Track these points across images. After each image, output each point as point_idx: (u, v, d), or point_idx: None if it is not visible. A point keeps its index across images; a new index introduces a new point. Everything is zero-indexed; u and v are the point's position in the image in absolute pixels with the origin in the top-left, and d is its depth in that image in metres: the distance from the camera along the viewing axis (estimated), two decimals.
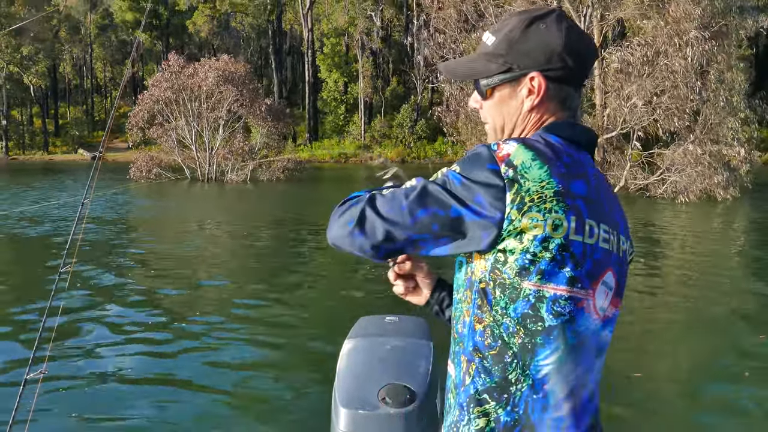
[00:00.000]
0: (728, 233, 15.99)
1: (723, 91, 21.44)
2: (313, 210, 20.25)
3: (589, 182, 1.39)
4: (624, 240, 1.47)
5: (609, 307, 1.42)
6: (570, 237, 1.32)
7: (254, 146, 31.96)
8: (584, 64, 1.47)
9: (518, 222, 1.31)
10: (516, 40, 1.44)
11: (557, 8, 1.49)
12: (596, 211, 1.38)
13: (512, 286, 1.34)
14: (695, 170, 20.95)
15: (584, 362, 1.39)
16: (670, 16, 19.78)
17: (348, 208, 1.46)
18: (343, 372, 2.75)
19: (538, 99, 1.45)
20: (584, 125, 1.50)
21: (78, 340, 6.50)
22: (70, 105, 72.54)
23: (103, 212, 17.33)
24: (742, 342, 6.89)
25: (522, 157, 1.33)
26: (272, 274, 10.24)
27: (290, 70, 72.47)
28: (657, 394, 5.34)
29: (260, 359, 6.18)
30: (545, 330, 1.34)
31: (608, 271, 1.40)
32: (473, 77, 1.52)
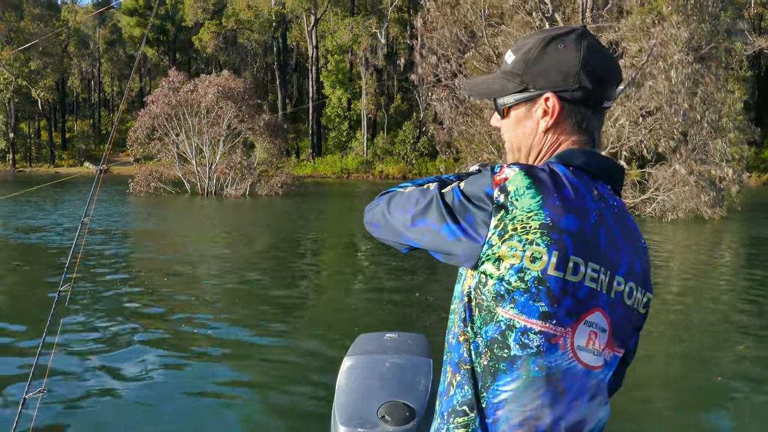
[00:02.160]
0: (712, 252, 16.19)
1: (709, 113, 21.72)
2: (309, 225, 20.51)
3: (587, 218, 1.34)
4: (623, 281, 1.40)
5: (605, 349, 1.38)
6: (548, 272, 1.30)
7: (253, 161, 32.38)
8: (603, 86, 1.41)
9: (497, 248, 1.30)
10: (533, 59, 1.41)
11: (580, 27, 1.45)
12: (587, 249, 1.33)
13: (488, 309, 1.33)
14: (682, 190, 21.20)
15: (545, 397, 1.34)
16: (657, 39, 20.11)
17: (376, 202, 1.53)
18: (343, 390, 2.73)
19: (553, 120, 1.42)
20: (601, 154, 1.45)
21: (77, 358, 6.40)
22: (78, 118, 73.35)
23: (103, 225, 17.59)
24: (722, 353, 7.17)
25: (517, 184, 1.32)
26: (270, 291, 10.15)
27: (296, 86, 73.08)
28: (642, 404, 5.46)
29: (259, 377, 6.11)
30: (509, 358, 1.33)
31: (596, 311, 1.35)
32: (491, 96, 1.51)
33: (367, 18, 57.97)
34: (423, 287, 10.71)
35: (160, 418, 5.10)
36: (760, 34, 50.23)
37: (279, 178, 32.15)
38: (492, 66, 23.95)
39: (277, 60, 65.02)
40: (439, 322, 7.66)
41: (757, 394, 5.99)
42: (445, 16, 23.24)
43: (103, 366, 6.22)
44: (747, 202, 28.99)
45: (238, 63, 69.30)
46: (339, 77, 58.58)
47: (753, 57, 53.47)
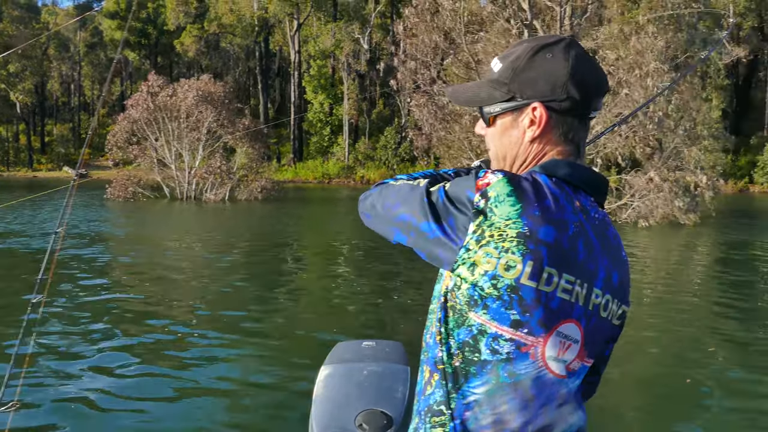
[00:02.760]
0: (685, 256, 16.39)
1: (684, 120, 22.02)
2: (288, 231, 20.44)
3: (566, 229, 1.34)
4: (600, 293, 1.40)
5: (575, 361, 1.39)
6: (521, 281, 1.30)
7: (233, 166, 32.33)
8: (590, 96, 1.41)
9: (473, 253, 1.31)
10: (521, 68, 1.41)
11: (569, 37, 1.44)
12: (562, 260, 1.33)
13: (460, 313, 1.34)
14: (657, 196, 21.45)
15: (513, 402, 1.35)
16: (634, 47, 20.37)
17: (369, 192, 1.54)
18: (320, 398, 2.74)
19: (540, 130, 1.41)
20: (585, 166, 1.45)
21: (52, 366, 6.33)
22: (57, 122, 72.81)
23: (78, 231, 17.47)
24: (694, 356, 7.29)
25: (498, 190, 1.32)
26: (247, 298, 10.06)
27: (278, 90, 73.04)
28: (614, 407, 5.58)
29: (235, 385, 6.07)
30: (480, 362, 1.34)
31: (569, 322, 1.36)
32: (477, 104, 1.50)
33: (349, 23, 58.09)
34: (401, 294, 10.72)
35: (134, 425, 5.08)
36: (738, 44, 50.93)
37: (258, 183, 32.11)
38: (471, 72, 24.12)
39: (260, 64, 64.97)
40: (416, 329, 7.59)
41: (726, 396, 6.12)
42: (425, 22, 23.38)
43: (77, 374, 6.16)
44: (722, 209, 29.30)
45: (220, 67, 69.19)
46: (321, 82, 58.62)
47: (731, 66, 54.20)
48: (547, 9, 24.31)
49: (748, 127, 57.00)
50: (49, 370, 6.25)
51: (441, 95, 23.41)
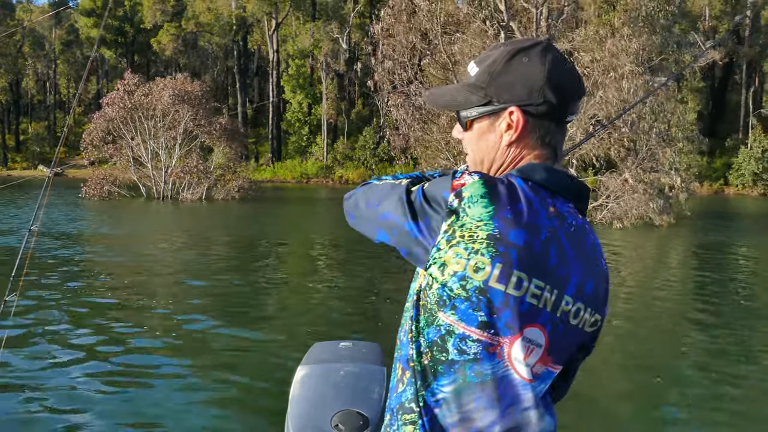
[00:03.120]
0: (658, 257, 16.55)
1: (659, 122, 22.23)
2: (264, 231, 20.36)
3: (537, 234, 1.34)
4: (571, 301, 1.39)
5: (537, 363, 1.38)
6: (490, 283, 1.30)
7: (209, 165, 32.16)
8: (567, 100, 1.40)
9: (444, 253, 1.31)
10: (497, 72, 1.40)
11: (545, 40, 1.44)
12: (532, 265, 1.33)
13: (430, 312, 1.35)
14: (632, 197, 21.64)
15: (480, 401, 1.36)
16: (609, 49, 20.53)
17: (353, 193, 1.54)
18: (297, 399, 2.73)
19: (516, 134, 1.40)
20: (565, 172, 1.46)
21: (25, 367, 6.28)
22: (32, 120, 71.99)
23: (52, 230, 17.30)
24: (664, 353, 7.38)
25: (472, 191, 1.32)
26: (223, 298, 9.97)
27: (257, 90, 72.78)
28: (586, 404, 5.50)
29: (211, 386, 6.01)
30: (447, 362, 1.35)
31: (534, 327, 1.36)
32: (454, 108, 1.49)
33: (328, 23, 58.03)
34: (378, 295, 10.73)
35: (107, 426, 5.01)
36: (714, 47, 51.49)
37: (236, 183, 31.97)
38: (448, 73, 24.17)
39: (238, 64, 64.70)
40: (393, 329, 7.57)
41: (696, 391, 6.24)
42: (401, 23, 23.39)
43: (49, 376, 6.08)
44: (697, 210, 29.67)
45: (198, 66, 68.76)
46: (300, 82, 58.49)
47: (707, 69, 54.84)
48: (523, 10, 24.42)
49: (723, 129, 57.71)
50: (20, 369, 6.19)
51: (418, 95, 23.43)
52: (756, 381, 6.68)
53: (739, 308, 10.42)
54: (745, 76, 59.67)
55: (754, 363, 7.33)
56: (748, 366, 7.16)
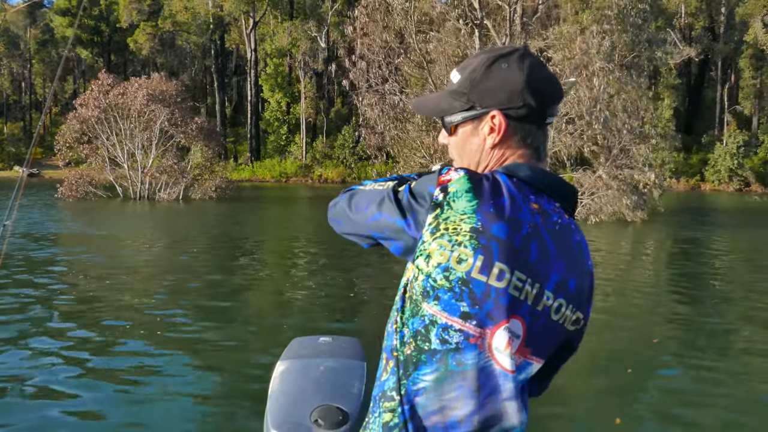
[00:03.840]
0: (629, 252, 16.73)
1: (631, 119, 22.43)
2: (242, 229, 20.30)
3: (519, 229, 1.38)
4: (551, 296, 1.43)
5: (516, 355, 1.41)
6: (472, 274, 1.35)
7: (186, 165, 32.03)
8: (546, 103, 1.47)
9: (428, 245, 1.37)
10: (478, 79, 1.47)
11: (522, 47, 1.51)
12: (513, 258, 1.37)
13: (415, 303, 1.40)
14: (606, 194, 21.84)
15: (461, 390, 1.40)
16: (580, 47, 20.70)
17: (338, 199, 1.59)
18: (276, 394, 2.72)
19: (499, 137, 1.47)
20: (551, 172, 1.51)
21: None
22: (8, 121, 71.22)
23: (28, 230, 17.18)
24: (636, 346, 7.45)
25: (458, 187, 1.38)
26: (201, 295, 9.97)
27: (236, 89, 72.50)
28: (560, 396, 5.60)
29: (190, 382, 6.00)
30: (430, 351, 1.39)
31: (514, 318, 1.39)
32: (439, 115, 1.56)
33: (306, 22, 57.92)
34: (358, 291, 10.76)
35: (83, 424, 5.00)
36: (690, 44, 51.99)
37: (213, 182, 31.88)
38: (423, 72, 24.27)
39: (215, 63, 64.41)
40: (373, 324, 7.69)
41: (666, 384, 6.36)
42: (375, 22, 23.42)
43: (24, 375, 6.04)
44: (672, 206, 30.01)
45: (176, 65, 68.36)
46: (278, 81, 58.34)
47: (683, 65, 55.33)
48: (497, 8, 24.55)
49: (700, 126, 58.29)
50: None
51: (393, 94, 23.50)
52: (729, 368, 6.82)
53: (707, 299, 10.60)
54: (721, 73, 60.24)
55: (726, 352, 7.49)
56: (720, 356, 7.31)
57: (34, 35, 68.49)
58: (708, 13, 60.11)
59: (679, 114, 55.16)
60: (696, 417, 5.60)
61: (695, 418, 5.58)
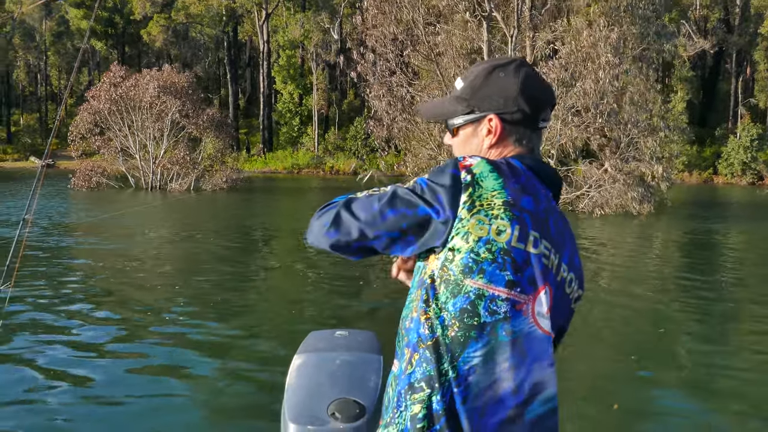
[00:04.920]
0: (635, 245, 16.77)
1: (639, 112, 22.39)
2: (253, 220, 20.46)
3: (539, 203, 1.53)
4: (566, 269, 1.57)
5: (548, 321, 1.52)
6: (512, 243, 1.46)
7: (197, 156, 32.30)
8: (539, 109, 1.61)
9: (467, 222, 1.46)
10: (478, 86, 1.62)
11: (519, 58, 1.69)
12: (541, 228, 1.51)
13: (455, 283, 1.46)
14: (612, 186, 21.85)
15: (512, 359, 1.47)
16: (587, 40, 20.69)
17: (326, 210, 1.60)
18: (293, 388, 2.72)
19: (496, 138, 1.61)
20: (547, 163, 1.67)
21: (20, 355, 6.32)
22: (24, 112, 71.87)
23: (43, 220, 17.39)
24: (638, 339, 7.55)
25: (481, 168, 1.50)
26: (217, 289, 9.91)
27: (249, 81, 72.71)
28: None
29: (208, 376, 6.05)
30: (479, 325, 1.46)
31: (547, 285, 1.52)
32: (443, 118, 1.71)
33: (318, 13, 57.96)
34: (373, 285, 10.75)
35: (102, 419, 4.99)
36: (705, 36, 51.61)
37: (223, 173, 32.13)
38: (431, 65, 24.34)
39: (228, 55, 64.61)
40: (389, 318, 7.60)
41: (670, 373, 6.42)
42: (384, 14, 23.50)
43: (45, 367, 6.09)
44: (682, 199, 29.90)
45: (189, 57, 68.66)
46: (290, 72, 58.49)
47: (697, 58, 54.93)
48: (506, 1, 24.54)
49: (714, 118, 57.80)
50: (17, 357, 6.24)
51: (400, 86, 23.59)
52: (736, 360, 6.87)
53: (712, 289, 10.70)
54: (735, 65, 59.73)
55: (732, 342, 7.61)
56: (727, 345, 7.44)
57: (50, 27, 68.95)
58: (723, 5, 59.51)
59: (693, 106, 54.78)
60: (698, 406, 5.66)
61: (697, 406, 5.64)
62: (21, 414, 4.99)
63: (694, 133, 48.95)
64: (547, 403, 1.52)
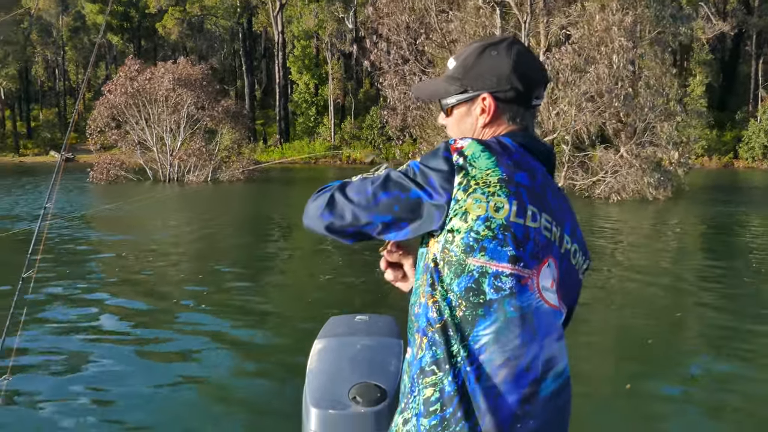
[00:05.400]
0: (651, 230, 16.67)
1: (654, 97, 22.17)
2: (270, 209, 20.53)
3: (535, 178, 1.53)
4: (569, 240, 1.59)
5: (554, 295, 1.54)
6: (511, 219, 1.46)
7: (213, 148, 32.47)
8: (532, 87, 1.61)
9: (463, 202, 1.46)
10: (471, 65, 1.62)
11: (510, 36, 1.68)
12: (539, 201, 1.51)
13: (458, 263, 1.47)
14: (628, 172, 21.69)
15: (523, 336, 1.47)
16: (600, 24, 20.51)
17: (321, 194, 1.62)
18: (314, 372, 2.76)
19: (489, 117, 1.61)
20: (539, 139, 1.66)
21: (42, 346, 6.33)
22: (43, 107, 72.50)
23: (62, 213, 17.57)
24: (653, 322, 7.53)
25: (473, 149, 1.50)
26: (238, 275, 10.05)
27: (264, 72, 72.79)
28: None
29: (229, 361, 6.11)
30: (486, 303, 1.46)
31: (551, 258, 1.53)
32: (436, 98, 1.71)
33: (332, 3, 57.87)
34: None
35: (127, 405, 5.01)
36: (724, 18, 50.88)
37: (240, 164, 32.29)
38: (445, 52, 24.25)
39: (243, 46, 64.72)
40: (408, 303, 7.59)
41: (684, 357, 6.43)
42: (396, 2, 23.43)
43: (69, 354, 6.15)
44: (700, 183, 29.63)
45: (205, 49, 68.85)
46: (305, 63, 58.49)
47: (716, 40, 54.17)
48: None
49: (734, 102, 57.00)
50: (40, 347, 6.31)
51: (414, 75, 23.54)
52: (751, 345, 6.78)
53: (729, 275, 10.67)
54: (755, 48, 58.84)
55: (749, 328, 7.45)
56: (741, 331, 7.29)
57: (66, 23, 69.36)
58: None
59: (712, 90, 54.10)
60: (712, 389, 5.63)
61: (711, 389, 5.62)
62: (43, 402, 5.03)
63: (713, 117, 48.47)
64: (558, 378, 1.53)
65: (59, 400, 5.09)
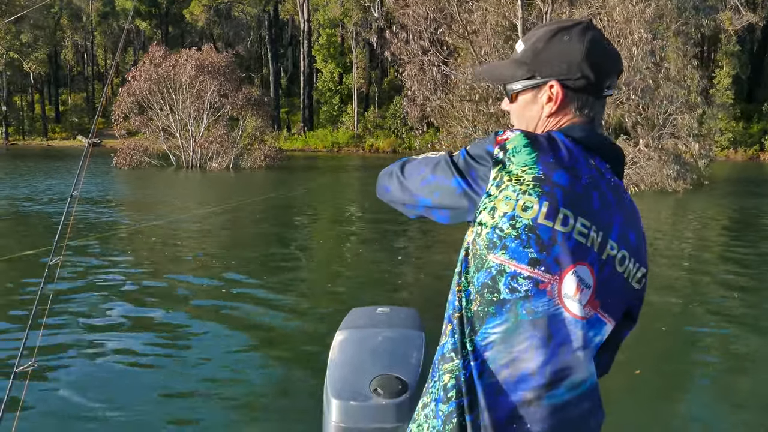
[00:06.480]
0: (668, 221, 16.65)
1: (675, 88, 22.03)
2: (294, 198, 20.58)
3: (579, 177, 1.44)
4: (615, 246, 1.48)
5: (587, 307, 1.46)
6: (538, 220, 1.39)
7: (235, 135, 32.79)
8: (604, 76, 1.51)
9: (494, 198, 1.41)
10: (540, 49, 1.52)
11: (586, 20, 1.55)
12: (577, 204, 1.42)
13: (480, 257, 1.43)
14: (647, 163, 21.62)
15: (532, 340, 1.43)
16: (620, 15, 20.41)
17: (390, 169, 1.63)
18: (335, 363, 2.75)
19: (556, 106, 1.52)
20: (603, 134, 1.56)
21: (69, 331, 6.37)
22: (72, 92, 73.47)
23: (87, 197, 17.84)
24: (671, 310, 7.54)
25: (516, 143, 1.43)
26: (258, 265, 9.99)
27: (290, 59, 73.10)
28: None
29: (251, 352, 6.12)
30: (499, 302, 1.42)
31: (582, 264, 1.44)
32: (501, 82, 1.62)
33: None
34: (415, 262, 10.73)
35: (150, 392, 5.04)
36: (754, 9, 50.11)
37: (262, 151, 32.59)
38: (466, 42, 24.27)
39: (269, 33, 65.02)
40: (431, 295, 7.79)
41: (698, 345, 6.46)
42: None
43: (96, 339, 6.20)
44: (723, 175, 29.33)
45: (231, 36, 69.29)
46: (330, 51, 58.69)
47: (745, 32, 53.38)
48: None
49: (762, 94, 56.22)
50: (66, 332, 6.34)
51: (434, 65, 23.58)
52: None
53: (748, 266, 10.66)
54: None
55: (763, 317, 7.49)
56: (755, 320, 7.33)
57: (96, 8, 70.18)
58: None
59: (740, 82, 53.43)
60: (723, 377, 5.67)
61: (722, 377, 5.66)
62: (65, 395, 5.00)
63: (740, 109, 47.84)
64: (574, 389, 1.46)
65: (85, 383, 5.16)
